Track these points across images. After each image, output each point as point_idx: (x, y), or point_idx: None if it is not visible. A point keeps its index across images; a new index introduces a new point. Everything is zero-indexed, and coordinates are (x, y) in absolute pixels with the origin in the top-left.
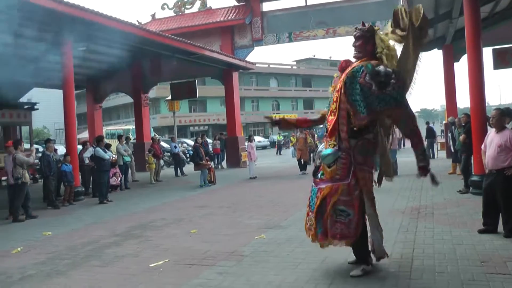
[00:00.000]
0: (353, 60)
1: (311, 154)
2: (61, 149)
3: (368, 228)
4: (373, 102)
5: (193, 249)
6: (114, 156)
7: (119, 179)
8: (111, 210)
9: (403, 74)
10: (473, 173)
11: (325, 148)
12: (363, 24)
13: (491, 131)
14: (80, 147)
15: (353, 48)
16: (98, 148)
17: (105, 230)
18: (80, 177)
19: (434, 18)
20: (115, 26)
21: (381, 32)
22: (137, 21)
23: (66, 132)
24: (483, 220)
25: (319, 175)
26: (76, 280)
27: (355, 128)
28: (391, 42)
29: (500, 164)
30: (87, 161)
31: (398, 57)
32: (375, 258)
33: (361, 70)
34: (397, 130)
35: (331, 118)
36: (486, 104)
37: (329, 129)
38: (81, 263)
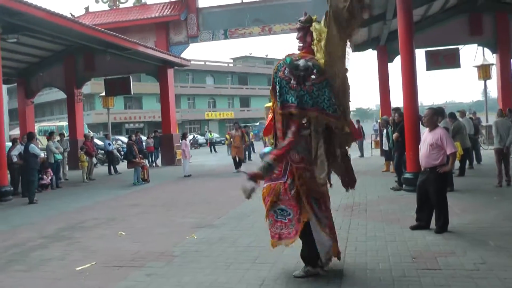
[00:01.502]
0: (297, 52)
1: (247, 152)
2: None
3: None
4: (290, 98)
5: (122, 250)
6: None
7: (49, 178)
8: (40, 210)
9: (329, 69)
10: (406, 171)
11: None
12: (305, 15)
13: (425, 131)
14: (9, 144)
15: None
16: (32, 145)
17: (32, 232)
18: (8, 176)
19: (369, 19)
20: (46, 18)
21: (317, 21)
22: (70, 13)
23: None
24: (416, 216)
25: None
26: None
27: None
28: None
29: (432, 162)
30: (15, 159)
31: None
32: (323, 260)
33: (283, 64)
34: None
35: (270, 116)
36: (420, 104)
37: (265, 127)
38: (3, 268)
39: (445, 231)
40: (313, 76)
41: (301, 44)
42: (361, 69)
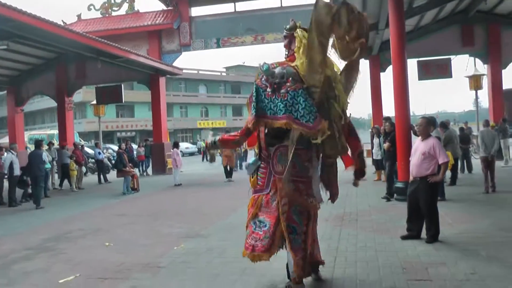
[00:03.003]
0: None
1: (238, 161)
2: None
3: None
4: (266, 106)
5: (107, 262)
6: None
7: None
8: (26, 220)
9: (308, 77)
10: (397, 180)
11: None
12: (291, 22)
13: (417, 140)
14: None
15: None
16: (43, 153)
17: (16, 243)
18: None
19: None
20: (37, 25)
21: (302, 28)
22: (62, 21)
23: None
24: (407, 226)
25: None
26: None
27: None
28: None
29: (423, 171)
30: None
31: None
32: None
33: (261, 71)
34: None
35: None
36: (412, 114)
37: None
38: None
39: (436, 241)
40: (288, 84)
41: (287, 52)
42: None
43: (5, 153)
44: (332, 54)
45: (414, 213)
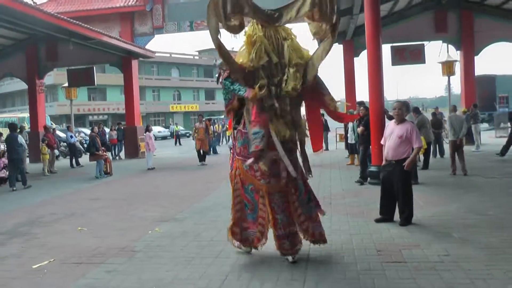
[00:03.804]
0: None
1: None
2: None
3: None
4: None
5: (82, 246)
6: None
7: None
8: None
9: (232, 66)
10: (370, 164)
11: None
12: None
13: (390, 123)
14: None
15: None
16: (20, 136)
17: None
18: None
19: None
20: (6, 4)
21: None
22: (33, 0)
23: None
24: (380, 209)
25: None
26: None
27: None
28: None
29: (399, 155)
30: None
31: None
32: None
33: None
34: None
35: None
36: (384, 99)
37: (229, 122)
38: None
39: (410, 223)
40: (221, 71)
41: None
42: (326, 62)
43: None
44: (297, 37)
45: (387, 196)
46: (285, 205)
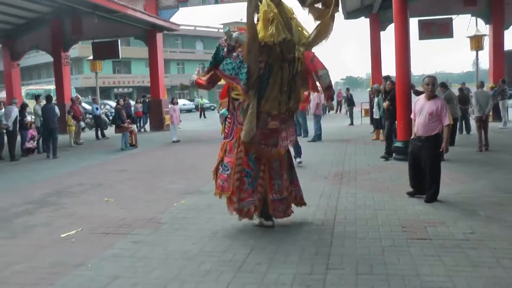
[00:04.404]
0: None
1: None
2: None
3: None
4: (220, 62)
5: (109, 217)
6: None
7: (36, 142)
8: (26, 175)
9: (255, 43)
10: (396, 140)
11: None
12: None
13: (420, 98)
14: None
15: None
16: (56, 106)
17: (17, 197)
18: None
19: None
20: None
21: None
22: None
23: None
24: (410, 182)
25: None
26: None
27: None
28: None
29: (430, 131)
30: (4, 122)
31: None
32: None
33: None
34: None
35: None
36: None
37: (221, 92)
38: None
39: (435, 200)
40: (240, 49)
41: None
42: (352, 36)
43: (3, 107)
44: (301, 17)
45: (415, 169)
46: (281, 171)
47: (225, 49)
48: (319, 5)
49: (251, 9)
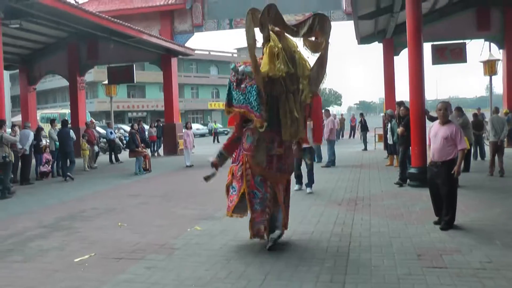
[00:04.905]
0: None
1: None
2: None
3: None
4: (233, 97)
5: (122, 242)
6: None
7: (50, 165)
8: (40, 199)
9: (255, 75)
10: (410, 166)
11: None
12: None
13: (434, 124)
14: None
15: None
16: (71, 130)
17: (31, 221)
18: None
19: (376, 12)
20: (50, 4)
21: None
22: (75, 0)
23: None
24: (436, 212)
25: None
26: None
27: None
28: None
29: (446, 156)
30: (19, 146)
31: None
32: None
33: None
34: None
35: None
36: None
37: (229, 119)
38: (0, 258)
39: (451, 227)
40: (246, 80)
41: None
42: (365, 61)
43: (18, 130)
44: (303, 51)
45: (438, 198)
46: (284, 195)
47: (234, 84)
48: (312, 38)
49: (250, 40)
